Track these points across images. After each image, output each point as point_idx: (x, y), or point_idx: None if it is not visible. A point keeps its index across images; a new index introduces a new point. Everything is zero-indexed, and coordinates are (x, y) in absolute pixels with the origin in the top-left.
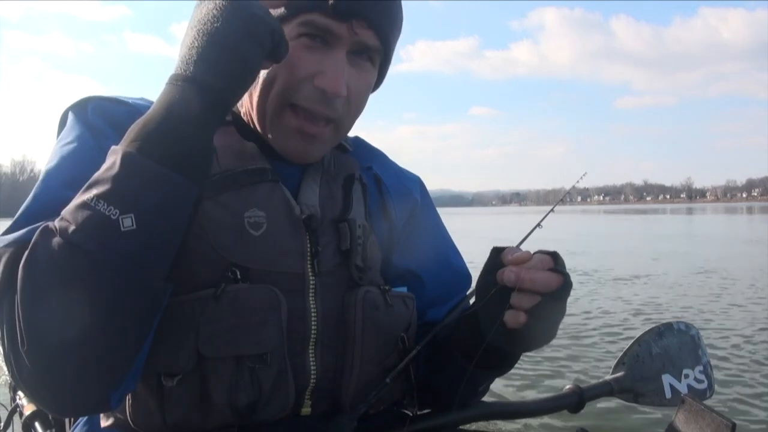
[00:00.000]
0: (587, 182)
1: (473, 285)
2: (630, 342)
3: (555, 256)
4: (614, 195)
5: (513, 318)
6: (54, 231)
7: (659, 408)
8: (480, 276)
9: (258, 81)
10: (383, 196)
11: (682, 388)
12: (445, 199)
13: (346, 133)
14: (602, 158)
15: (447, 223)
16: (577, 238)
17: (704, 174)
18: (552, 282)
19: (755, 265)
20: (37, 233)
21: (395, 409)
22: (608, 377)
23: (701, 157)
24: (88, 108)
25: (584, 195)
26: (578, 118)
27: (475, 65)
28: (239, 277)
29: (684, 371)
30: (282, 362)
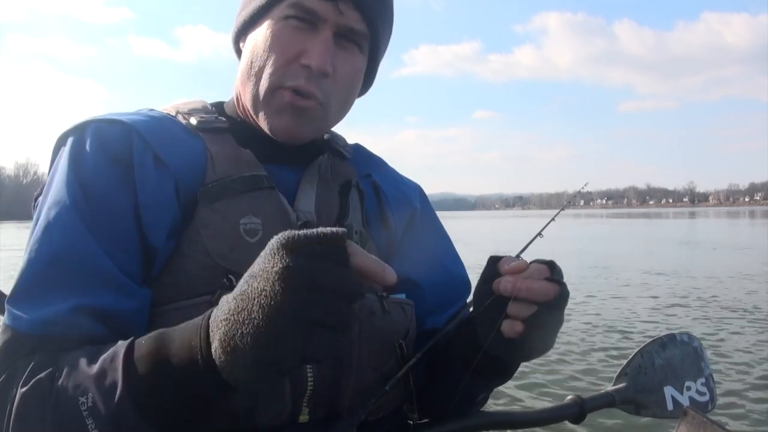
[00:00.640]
0: (590, 186)
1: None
2: (633, 353)
3: (552, 266)
4: (617, 199)
5: (510, 327)
6: (49, 389)
7: (661, 420)
8: (477, 285)
9: (251, 65)
10: (382, 204)
11: (684, 400)
12: (448, 203)
13: (336, 118)
14: (605, 162)
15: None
16: (581, 243)
17: (707, 178)
18: (549, 291)
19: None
20: (37, 381)
21: (394, 417)
22: (610, 388)
23: (704, 161)
24: (86, 134)
25: (587, 199)
26: (581, 122)
27: (478, 69)
28: (235, 284)
29: (686, 383)
30: None
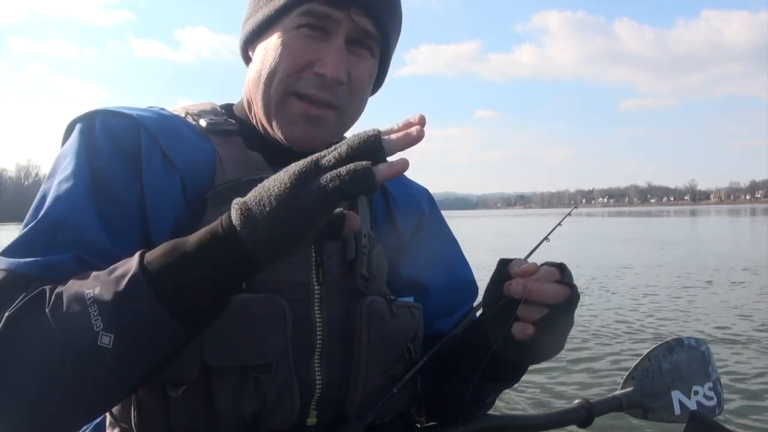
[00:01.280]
0: (592, 185)
1: (480, 295)
2: (640, 357)
3: (562, 268)
4: (618, 197)
5: (520, 330)
6: (45, 303)
7: (668, 424)
8: (487, 288)
9: (261, 74)
10: (390, 207)
11: (692, 405)
12: (450, 202)
13: (351, 123)
14: (606, 160)
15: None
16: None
17: (708, 176)
18: (559, 294)
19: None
20: (33, 296)
21: (402, 420)
22: (617, 392)
23: (705, 159)
24: (96, 123)
25: (588, 198)
26: (582, 121)
27: (479, 68)
28: (244, 287)
29: (694, 388)
30: (287, 372)
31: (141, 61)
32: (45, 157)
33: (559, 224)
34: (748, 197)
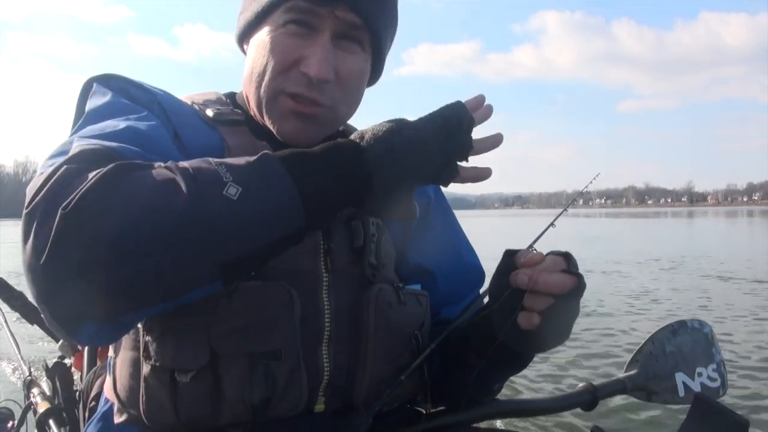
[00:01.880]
0: (589, 186)
1: (487, 281)
2: (644, 340)
3: (568, 257)
4: (616, 198)
5: (526, 320)
6: (152, 166)
7: (673, 406)
8: (493, 278)
9: (252, 72)
10: None
11: (696, 387)
12: (449, 202)
13: (347, 117)
14: (605, 161)
15: None
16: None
17: (706, 178)
18: (565, 283)
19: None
20: (143, 161)
21: (409, 407)
22: (621, 375)
23: (703, 161)
24: (111, 83)
25: (586, 198)
26: (581, 121)
27: (478, 68)
28: (252, 274)
29: (697, 369)
30: (295, 359)
31: (140, 58)
32: (43, 154)
33: (565, 211)
34: (745, 199)
